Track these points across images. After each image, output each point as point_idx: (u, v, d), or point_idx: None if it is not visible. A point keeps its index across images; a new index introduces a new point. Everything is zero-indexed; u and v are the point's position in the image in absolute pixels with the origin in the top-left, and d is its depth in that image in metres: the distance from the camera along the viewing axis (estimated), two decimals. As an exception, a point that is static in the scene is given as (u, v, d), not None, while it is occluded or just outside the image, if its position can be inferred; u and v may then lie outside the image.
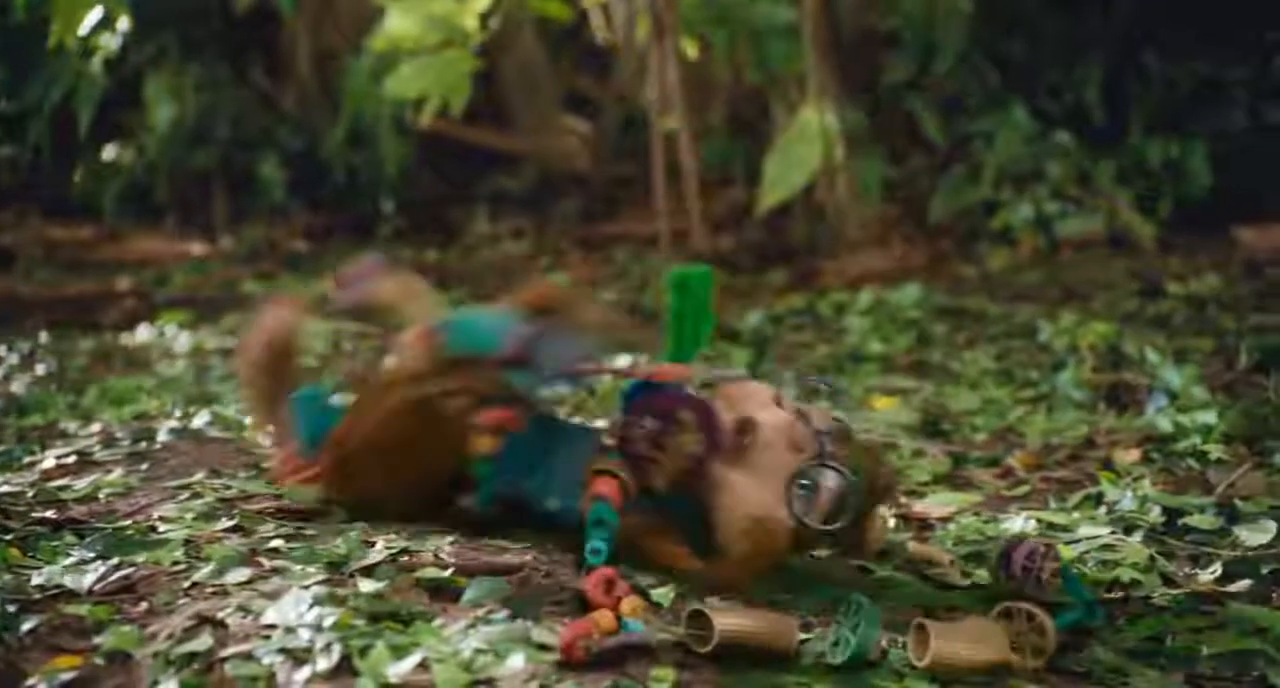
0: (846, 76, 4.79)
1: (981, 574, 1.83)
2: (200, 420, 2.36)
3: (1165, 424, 2.46)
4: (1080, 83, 5.03)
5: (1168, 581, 1.78)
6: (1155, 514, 1.98)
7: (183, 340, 3.63)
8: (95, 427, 2.31)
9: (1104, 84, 5.03)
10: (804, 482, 1.65)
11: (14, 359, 3.30)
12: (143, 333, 3.76)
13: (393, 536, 1.70)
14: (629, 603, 1.49)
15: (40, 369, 3.22)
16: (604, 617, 1.42)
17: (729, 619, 1.42)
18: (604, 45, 5.70)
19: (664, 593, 1.60)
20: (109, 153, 5.64)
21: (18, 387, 2.98)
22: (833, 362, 3.23)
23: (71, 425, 2.38)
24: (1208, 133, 4.90)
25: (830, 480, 1.66)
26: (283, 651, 1.37)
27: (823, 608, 1.60)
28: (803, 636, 1.52)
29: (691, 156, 4.58)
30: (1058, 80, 5.08)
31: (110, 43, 4.93)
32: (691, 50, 4.60)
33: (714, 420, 1.67)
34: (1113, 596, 1.74)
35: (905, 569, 1.86)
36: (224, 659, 1.35)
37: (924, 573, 1.84)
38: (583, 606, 1.51)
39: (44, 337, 3.68)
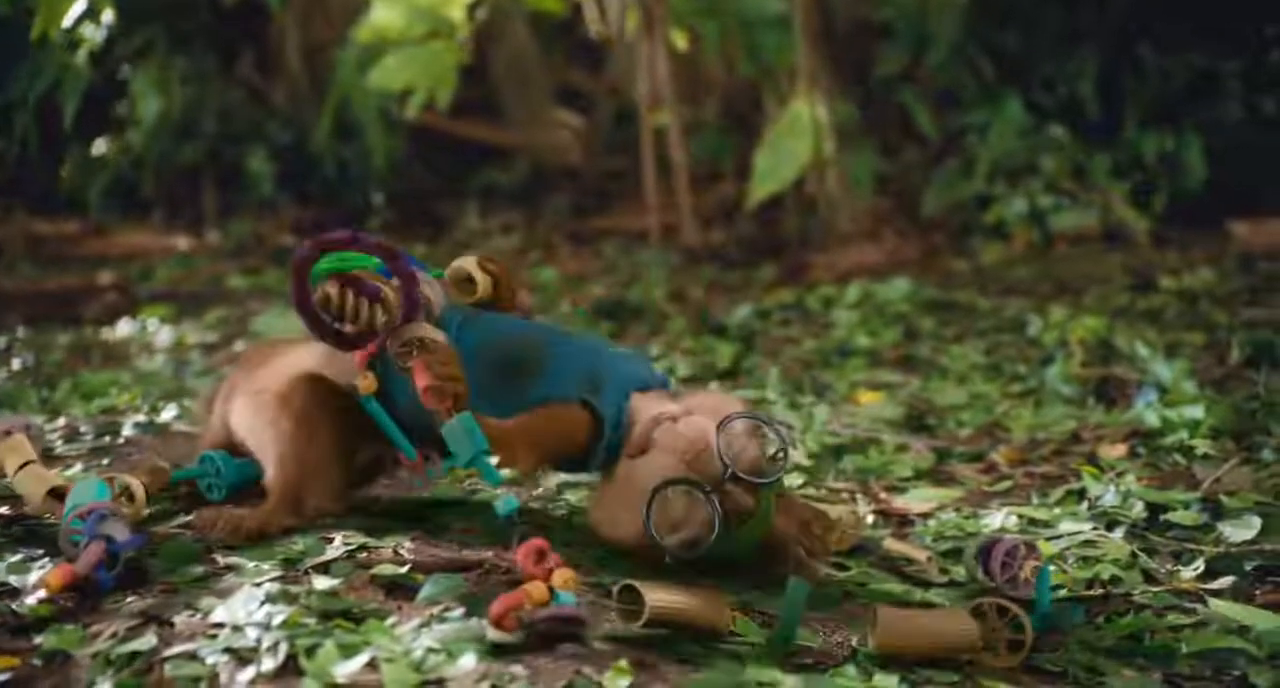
0: (838, 69, 4.76)
1: (959, 571, 1.80)
2: (167, 415, 2.32)
3: (1153, 419, 2.41)
4: (1075, 76, 4.99)
5: (1149, 577, 1.74)
6: (1138, 510, 1.94)
7: (164, 335, 3.60)
8: (60, 421, 2.27)
9: (1099, 77, 5.00)
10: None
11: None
12: (123, 327, 3.72)
13: (352, 532, 1.66)
14: (561, 575, 1.42)
15: (16, 364, 3.18)
16: (536, 588, 1.38)
17: (660, 595, 1.39)
18: (597, 39, 5.66)
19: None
20: (97, 147, 5.59)
21: (-9, 381, 2.94)
22: (819, 356, 3.19)
23: (38, 420, 2.34)
24: (1203, 126, 4.86)
25: (695, 506, 1.54)
26: (228, 650, 1.32)
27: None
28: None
29: (681, 150, 4.54)
30: (1052, 73, 5.04)
31: (95, 35, 4.88)
32: (681, 42, 4.55)
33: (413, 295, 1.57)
34: (1092, 593, 1.70)
35: (881, 566, 1.82)
36: (165, 659, 1.31)
37: (901, 570, 1.80)
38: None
39: (21, 331, 3.64)
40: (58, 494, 1.65)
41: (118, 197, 5.62)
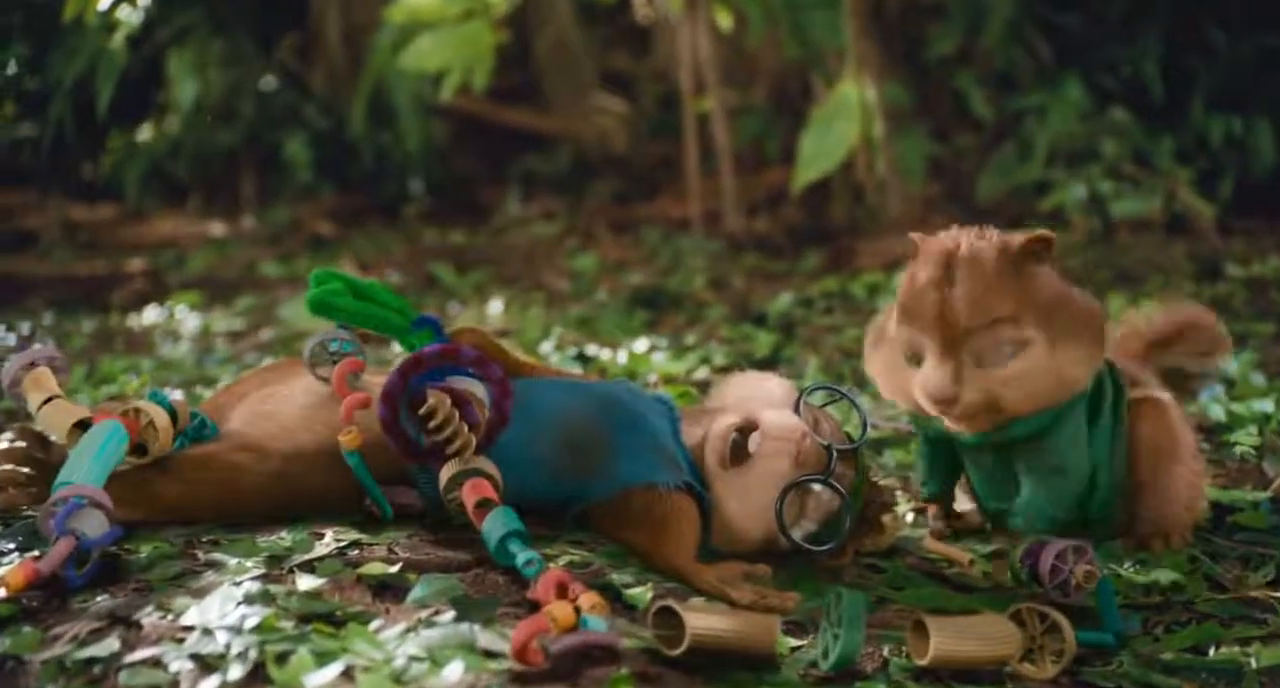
0: (889, 49, 4.61)
1: (1004, 575, 1.67)
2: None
3: (1218, 413, 2.27)
4: (1138, 56, 4.82)
5: (1213, 584, 1.61)
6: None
7: (191, 322, 3.53)
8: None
9: (1163, 57, 4.82)
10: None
11: (10, 340, 3.20)
12: (150, 314, 3.66)
13: (345, 527, 1.55)
14: (588, 598, 1.29)
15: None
16: (561, 610, 1.24)
17: (702, 619, 1.25)
18: (642, 22, 5.55)
19: (639, 593, 1.44)
20: (138, 133, 5.56)
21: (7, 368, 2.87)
22: (861, 345, 3.06)
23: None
24: (1273, 109, 4.68)
25: (825, 500, 1.54)
26: (194, 657, 1.22)
27: (817, 611, 1.44)
28: (796, 642, 1.36)
29: (725, 135, 4.42)
30: (1114, 53, 4.87)
31: (132, 18, 4.84)
32: (725, 21, 4.42)
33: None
34: (1150, 600, 1.57)
35: (919, 569, 1.69)
36: (124, 667, 1.20)
37: (941, 573, 1.67)
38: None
39: (48, 317, 3.59)
40: (86, 427, 1.55)
41: (155, 182, 5.58)
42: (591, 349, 2.99)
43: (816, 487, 1.53)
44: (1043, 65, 4.87)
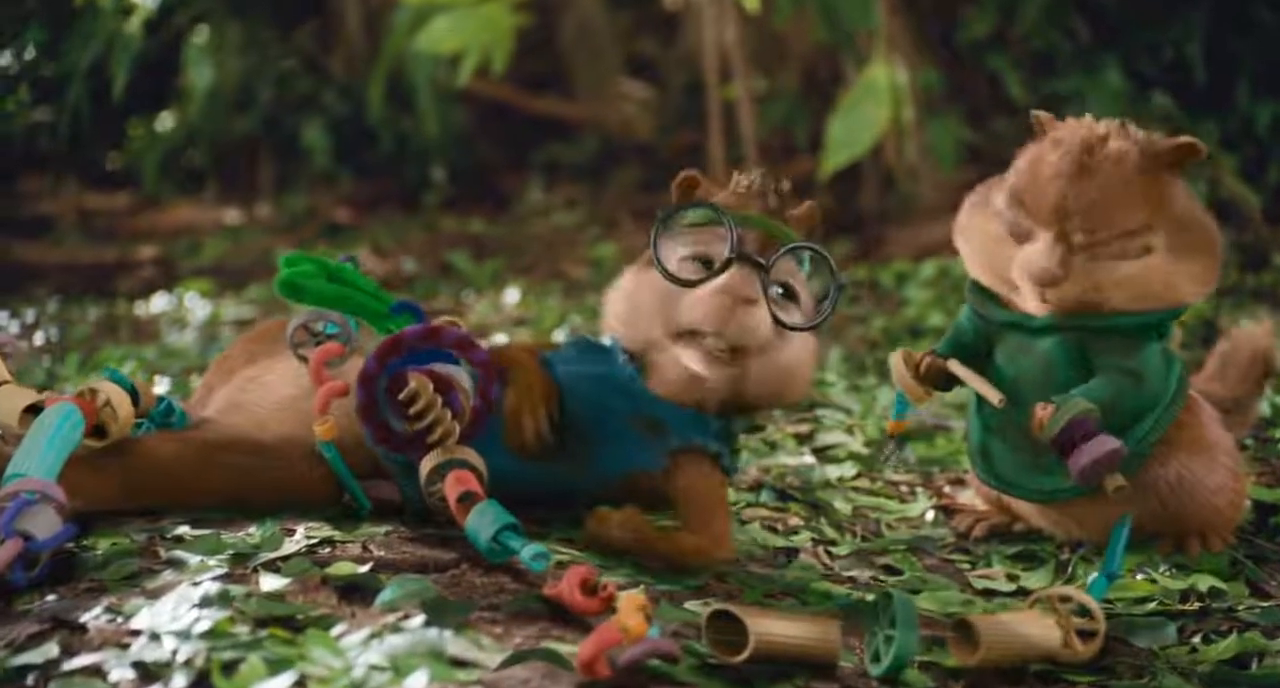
0: (922, 31, 4.48)
1: (1030, 579, 1.57)
2: (158, 390, 2.14)
3: (1262, 406, 2.14)
4: (1181, 37, 4.67)
5: (1256, 590, 1.51)
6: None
7: (199, 310, 3.47)
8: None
9: (1207, 40, 4.66)
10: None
11: (14, 328, 3.15)
12: (159, 302, 3.60)
13: (320, 523, 1.45)
14: (633, 601, 1.16)
15: (39, 338, 3.06)
16: (633, 619, 1.12)
17: (765, 623, 1.16)
18: (670, 7, 5.45)
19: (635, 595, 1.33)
20: (157, 121, 5.50)
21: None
22: (887, 335, 2.96)
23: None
24: (1323, 93, 4.54)
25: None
26: (137, 664, 1.12)
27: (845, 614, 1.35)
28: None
29: (751, 122, 4.31)
30: (1155, 35, 4.72)
31: (149, 2, 4.78)
32: (752, 3, 4.29)
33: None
34: (1187, 607, 1.46)
35: (939, 570, 1.60)
36: (59, 675, 1.11)
37: (963, 575, 1.59)
38: (556, 616, 1.24)
39: (53, 305, 3.53)
40: (37, 410, 1.46)
41: (172, 169, 5.53)
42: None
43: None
44: (1081, 47, 4.72)
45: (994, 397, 1.51)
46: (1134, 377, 1.50)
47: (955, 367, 1.58)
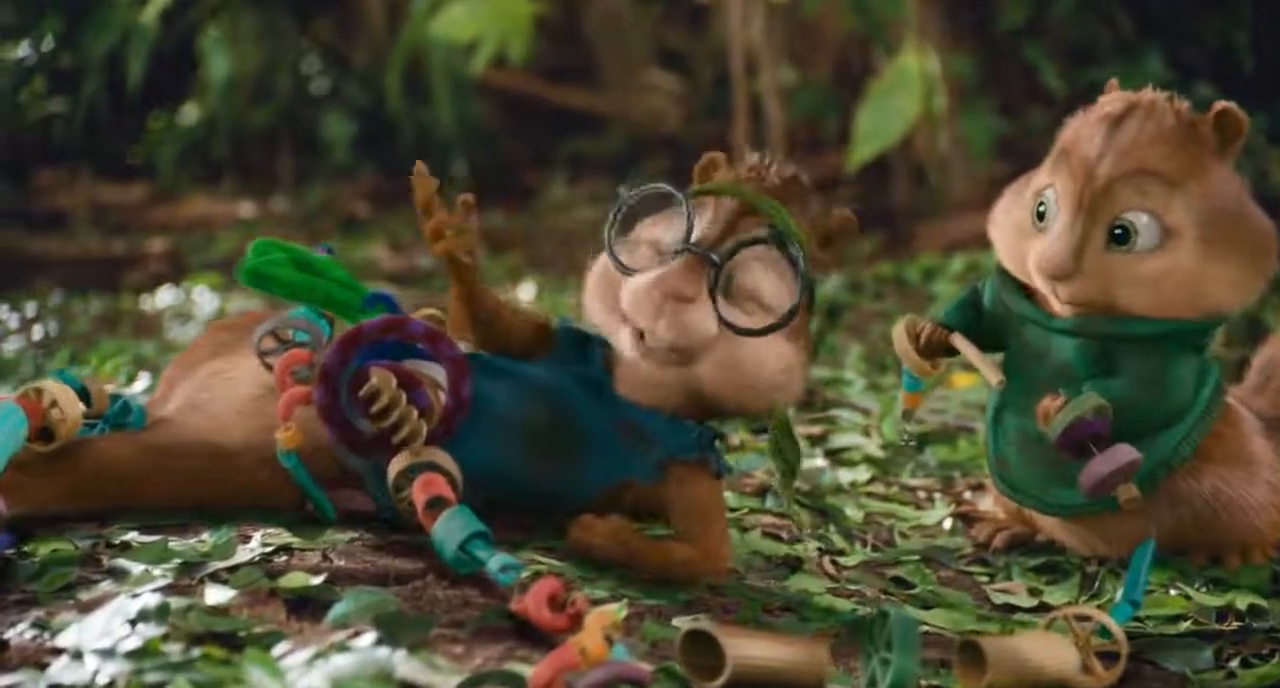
0: (955, 19, 4.37)
1: (1053, 594, 1.45)
2: (138, 386, 2.07)
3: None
4: (1226, 25, 4.54)
5: (1300, 609, 1.39)
6: (1286, 521, 1.55)
7: (206, 305, 3.41)
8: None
9: (1254, 27, 4.53)
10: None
11: (14, 322, 3.10)
12: (165, 296, 3.55)
13: (278, 529, 1.35)
14: (601, 618, 1.06)
15: (38, 332, 3.00)
16: (593, 641, 1.02)
17: (745, 645, 1.07)
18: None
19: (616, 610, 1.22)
20: (178, 113, 5.47)
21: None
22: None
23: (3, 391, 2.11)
24: (1374, 82, 4.39)
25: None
26: (53, 687, 1.02)
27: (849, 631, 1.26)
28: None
29: (780, 113, 4.22)
30: (1199, 23, 4.59)
31: (166, -7, 4.76)
32: (778, -7, 4.20)
33: None
34: (1224, 627, 1.36)
35: (955, 583, 1.49)
36: (-40, 698, 1.01)
37: (980, 588, 1.47)
38: (524, 634, 1.14)
39: (56, 297, 3.48)
40: None
41: (191, 162, 5.49)
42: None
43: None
44: (1121, 36, 4.60)
45: (994, 377, 1.42)
46: (1154, 384, 1.40)
47: (959, 341, 1.47)
